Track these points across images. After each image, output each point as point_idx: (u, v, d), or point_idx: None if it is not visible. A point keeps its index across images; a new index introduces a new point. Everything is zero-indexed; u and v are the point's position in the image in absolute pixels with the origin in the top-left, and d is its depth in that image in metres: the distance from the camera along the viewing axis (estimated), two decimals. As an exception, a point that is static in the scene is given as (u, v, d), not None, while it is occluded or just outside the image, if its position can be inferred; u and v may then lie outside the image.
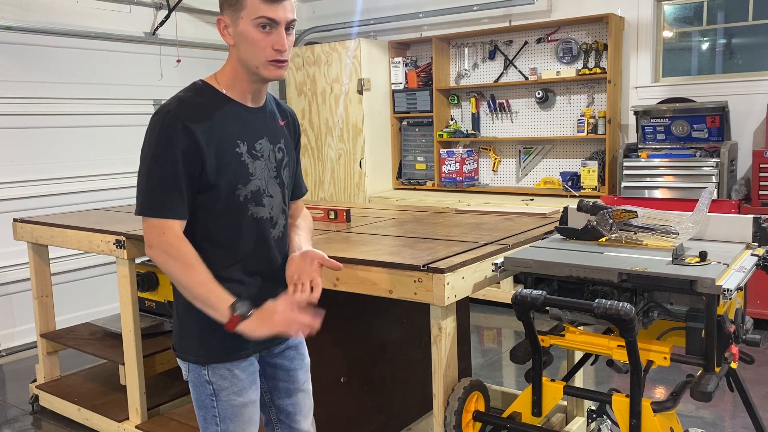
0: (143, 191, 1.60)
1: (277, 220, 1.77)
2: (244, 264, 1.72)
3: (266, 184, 1.72)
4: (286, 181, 1.80)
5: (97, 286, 5.08)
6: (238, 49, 1.63)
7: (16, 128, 4.66)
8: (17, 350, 4.65)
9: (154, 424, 3.00)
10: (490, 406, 2.20)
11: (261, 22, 1.59)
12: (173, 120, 1.58)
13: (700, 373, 1.82)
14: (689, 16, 5.18)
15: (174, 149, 1.57)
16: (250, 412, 1.78)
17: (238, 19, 1.60)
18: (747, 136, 4.80)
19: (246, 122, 1.69)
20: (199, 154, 1.59)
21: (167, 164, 1.57)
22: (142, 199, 1.60)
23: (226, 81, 1.69)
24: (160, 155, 1.58)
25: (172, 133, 1.57)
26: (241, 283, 1.70)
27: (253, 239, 1.72)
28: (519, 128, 5.76)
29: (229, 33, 1.63)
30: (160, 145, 1.58)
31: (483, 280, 2.13)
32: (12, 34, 4.59)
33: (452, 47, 6.03)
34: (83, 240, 3.08)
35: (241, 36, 1.61)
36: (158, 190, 1.58)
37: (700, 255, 1.91)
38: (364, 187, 5.92)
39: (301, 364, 1.92)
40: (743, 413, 2.70)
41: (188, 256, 1.58)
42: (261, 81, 1.69)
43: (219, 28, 1.65)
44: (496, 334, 4.84)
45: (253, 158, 1.69)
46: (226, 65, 1.69)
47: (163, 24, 5.44)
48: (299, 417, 1.93)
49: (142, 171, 1.61)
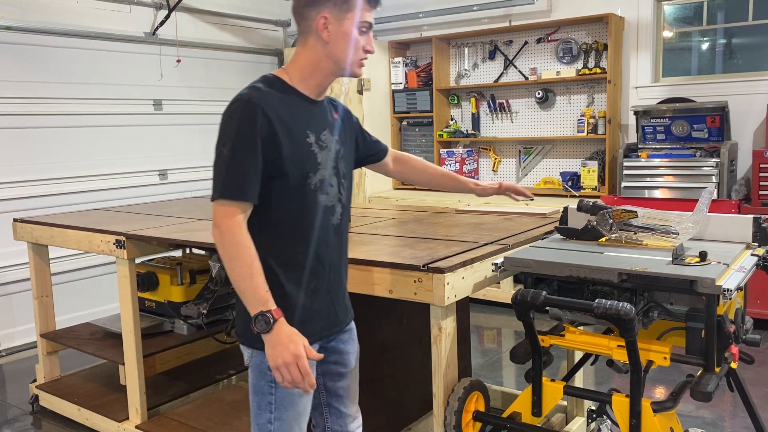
0: (222, 175, 1.64)
1: (336, 208, 1.83)
2: (310, 250, 1.77)
3: (329, 174, 1.79)
4: (342, 172, 1.85)
5: (97, 286, 5.08)
6: (332, 47, 1.71)
7: (16, 128, 4.66)
8: (17, 350, 4.65)
9: (154, 424, 3.00)
10: (490, 406, 2.20)
11: (363, 25, 1.72)
12: (254, 107, 1.64)
13: (700, 373, 1.82)
14: (689, 16, 5.18)
15: (254, 135, 1.63)
16: (304, 403, 1.82)
17: (344, 19, 1.69)
18: (747, 136, 4.80)
19: (313, 114, 1.78)
20: (276, 141, 1.66)
21: (247, 149, 1.63)
22: (220, 183, 1.64)
23: (299, 75, 1.76)
24: (240, 140, 1.63)
25: (253, 119, 1.63)
26: (306, 269, 1.76)
27: (318, 226, 1.77)
28: (519, 128, 5.76)
29: (329, 30, 1.70)
30: (241, 130, 1.64)
31: (483, 280, 2.13)
32: (12, 34, 4.59)
33: (452, 47, 6.03)
34: (83, 240, 3.08)
35: (343, 35, 1.70)
36: (237, 173, 1.63)
37: (700, 255, 1.91)
38: (364, 186, 5.92)
39: (353, 348, 1.97)
40: (743, 413, 2.70)
41: (243, 246, 1.62)
42: (341, 77, 1.79)
43: (318, 23, 1.70)
44: (496, 334, 4.84)
45: (321, 148, 1.77)
46: (302, 59, 1.76)
47: (163, 24, 5.44)
48: (347, 400, 1.98)
49: (223, 155, 1.64)
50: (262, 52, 6.45)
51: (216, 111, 5.97)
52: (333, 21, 1.70)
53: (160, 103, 5.55)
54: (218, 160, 1.66)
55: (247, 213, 1.67)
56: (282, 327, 1.61)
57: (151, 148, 5.46)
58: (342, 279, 1.88)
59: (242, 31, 6.25)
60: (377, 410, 2.75)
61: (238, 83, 6.07)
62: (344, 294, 1.91)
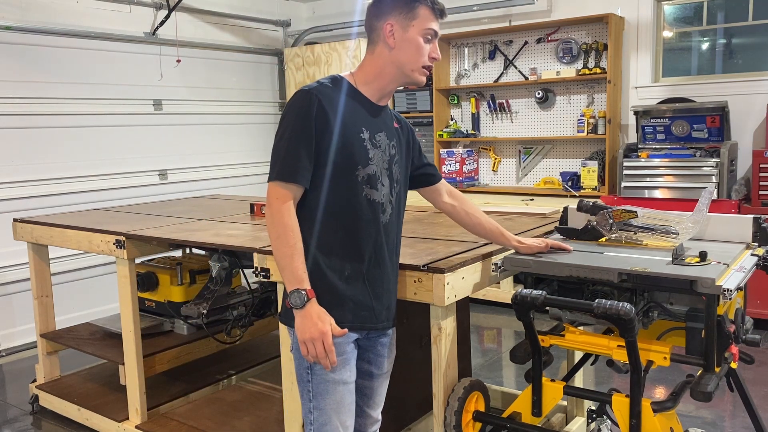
0: (280, 159, 1.75)
1: (386, 207, 1.88)
2: (354, 240, 1.83)
3: (380, 172, 1.86)
4: (395, 176, 1.92)
5: (97, 286, 5.08)
6: (397, 52, 1.82)
7: (16, 128, 4.66)
8: (17, 350, 4.65)
9: (154, 424, 3.00)
10: (490, 406, 2.21)
11: (428, 33, 1.82)
12: (313, 98, 1.75)
13: (700, 373, 1.82)
14: (689, 16, 5.18)
15: (310, 122, 1.74)
16: (342, 392, 1.84)
17: (409, 27, 1.80)
18: (747, 136, 4.80)
19: (371, 115, 1.87)
20: (329, 129, 1.76)
21: (303, 135, 1.74)
22: (276, 165, 1.76)
23: (364, 78, 1.87)
24: (297, 126, 1.75)
25: (310, 108, 1.75)
26: (349, 259, 1.82)
27: (364, 218, 1.83)
28: (519, 128, 5.76)
29: (395, 36, 1.81)
30: (300, 117, 1.75)
31: (483, 280, 2.13)
32: (12, 34, 4.59)
33: (452, 47, 6.02)
34: (83, 240, 3.08)
35: (408, 42, 1.81)
36: (292, 158, 1.74)
37: (700, 255, 1.91)
38: (364, 187, 5.91)
39: (390, 353, 2.01)
40: (743, 413, 2.70)
41: (289, 227, 1.73)
42: (405, 83, 1.88)
43: (385, 30, 1.81)
44: (496, 334, 4.84)
45: (373, 146, 1.85)
46: (368, 64, 1.87)
47: (163, 24, 5.44)
48: (372, 402, 2.02)
49: (281, 140, 1.77)
50: (262, 52, 6.44)
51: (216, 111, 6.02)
52: (398, 28, 1.80)
53: (160, 103, 5.55)
54: (277, 144, 1.78)
55: (297, 196, 1.77)
56: (313, 305, 1.73)
57: (151, 148, 5.45)
58: (386, 277, 1.90)
59: (242, 31, 6.25)
60: (377, 410, 2.74)
61: (238, 83, 6.14)
62: (389, 295, 1.93)
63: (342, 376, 1.83)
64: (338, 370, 1.81)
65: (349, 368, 1.86)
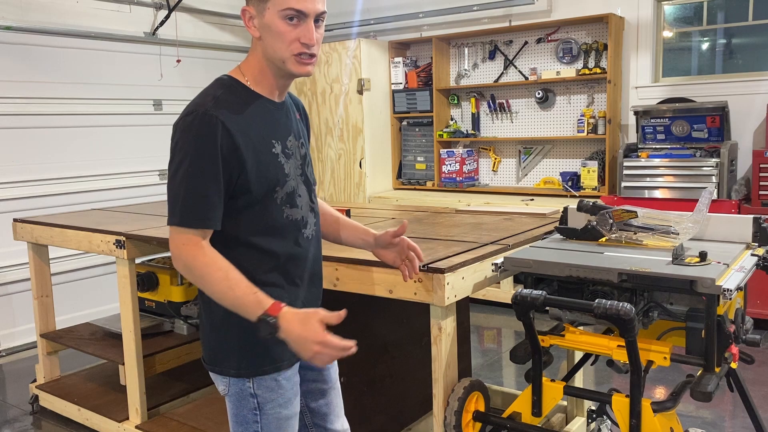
0: (181, 199, 1.49)
1: (308, 219, 1.69)
2: (282, 267, 1.64)
3: (297, 184, 1.65)
4: (311, 178, 1.73)
5: (97, 286, 5.08)
6: (263, 42, 1.56)
7: (16, 128, 4.66)
8: (17, 350, 4.65)
9: (154, 424, 3.00)
10: (490, 406, 2.20)
11: (288, 14, 1.51)
12: (212, 120, 1.48)
13: (700, 373, 1.82)
14: (689, 16, 5.18)
15: (215, 151, 1.47)
16: (293, 426, 1.71)
17: (264, 10, 1.52)
18: (747, 136, 4.80)
19: (276, 119, 1.62)
20: (239, 156, 1.50)
21: (207, 169, 1.47)
22: (179, 208, 1.49)
23: (252, 75, 1.61)
24: (199, 158, 1.47)
25: (211, 134, 1.47)
26: (281, 287, 1.63)
27: (289, 242, 1.64)
28: (519, 128, 5.76)
29: (254, 24, 1.55)
30: (199, 147, 1.47)
31: (483, 280, 2.13)
32: (12, 34, 4.59)
33: (452, 47, 6.03)
34: (83, 240, 3.08)
35: (267, 28, 1.53)
36: (198, 198, 1.48)
37: (700, 255, 1.91)
38: (364, 187, 5.92)
39: (331, 365, 1.89)
40: (743, 413, 2.70)
41: (210, 264, 1.49)
42: (287, 77, 1.61)
43: (244, 19, 1.57)
44: (496, 334, 4.84)
45: (287, 157, 1.62)
46: (251, 59, 1.61)
47: (163, 24, 5.44)
48: (332, 417, 1.89)
49: (178, 175, 1.49)
50: (262, 52, 6.44)
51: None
52: (256, 14, 1.54)
53: (160, 103, 5.55)
54: (175, 179, 1.49)
55: (208, 236, 1.53)
56: (289, 321, 1.45)
57: (151, 148, 5.45)
58: (319, 292, 1.77)
59: (242, 31, 6.25)
60: (377, 410, 2.75)
61: (238, 83, 6.12)
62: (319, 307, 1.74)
63: (294, 408, 1.70)
64: (290, 404, 1.68)
65: (298, 397, 1.73)
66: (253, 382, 1.63)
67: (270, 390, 1.65)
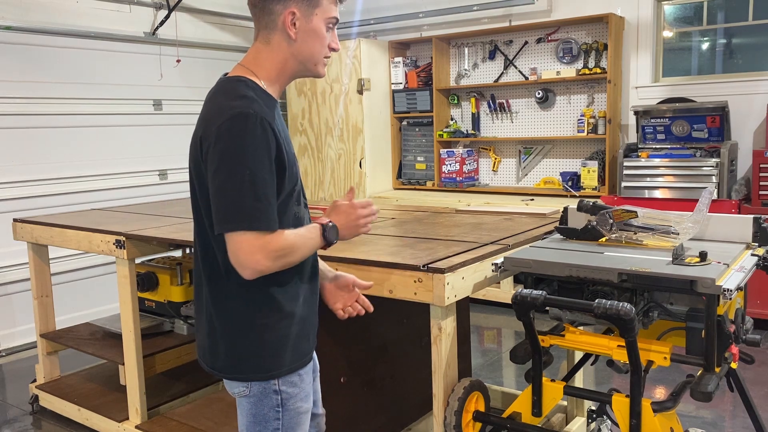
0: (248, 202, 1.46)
1: (306, 215, 1.74)
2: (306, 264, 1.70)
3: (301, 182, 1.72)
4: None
5: (97, 286, 5.08)
6: (300, 44, 1.60)
7: (16, 128, 4.66)
8: (17, 350, 4.65)
9: (154, 424, 3.00)
10: (490, 406, 2.20)
11: (332, 21, 1.63)
12: (263, 122, 1.48)
13: (700, 373, 1.82)
14: (689, 16, 5.18)
15: (269, 154, 1.49)
16: (307, 419, 1.74)
17: (312, 15, 1.59)
18: (747, 136, 4.80)
19: (282, 118, 1.66)
20: (281, 158, 1.53)
21: (266, 171, 1.48)
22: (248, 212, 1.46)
23: (268, 76, 1.62)
24: (259, 161, 1.47)
25: (263, 136, 1.48)
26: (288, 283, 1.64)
27: None
28: (519, 128, 5.76)
29: (296, 26, 1.58)
30: (255, 150, 1.47)
31: (483, 280, 2.13)
32: (12, 34, 4.59)
33: (452, 47, 6.02)
34: (83, 240, 3.08)
35: (312, 32, 1.60)
36: (264, 201, 1.47)
37: (700, 255, 1.91)
38: (364, 187, 5.92)
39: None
40: (743, 413, 2.70)
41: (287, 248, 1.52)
42: (306, 76, 1.70)
43: (286, 19, 1.57)
44: (496, 334, 4.84)
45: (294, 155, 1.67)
46: (269, 58, 1.61)
47: (163, 24, 5.44)
48: (318, 403, 1.94)
49: (236, 180, 1.45)
50: (262, 52, 6.44)
51: (216, 111, 6.02)
52: (302, 17, 1.58)
53: (160, 103, 5.55)
54: (234, 183, 1.45)
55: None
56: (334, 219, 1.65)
57: (151, 148, 5.45)
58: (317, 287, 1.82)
59: (242, 31, 6.25)
60: (377, 410, 2.75)
61: (238, 83, 6.11)
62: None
63: (311, 402, 1.76)
64: (309, 397, 1.73)
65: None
66: (278, 380, 1.65)
67: (294, 385, 1.67)
